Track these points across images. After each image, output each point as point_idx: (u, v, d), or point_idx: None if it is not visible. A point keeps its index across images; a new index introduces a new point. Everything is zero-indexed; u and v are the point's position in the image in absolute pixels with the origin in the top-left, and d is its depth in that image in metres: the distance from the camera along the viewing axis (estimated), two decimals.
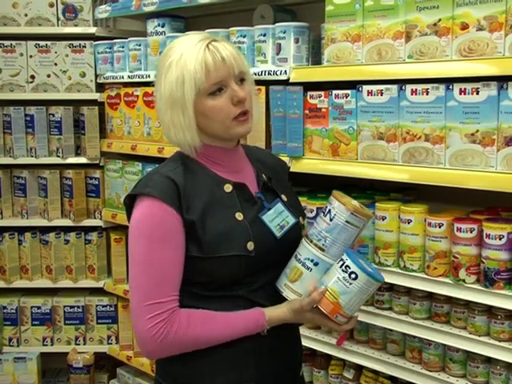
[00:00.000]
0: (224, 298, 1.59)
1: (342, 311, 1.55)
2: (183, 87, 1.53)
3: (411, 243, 2.17)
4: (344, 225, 1.57)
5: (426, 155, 2.06)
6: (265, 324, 1.59)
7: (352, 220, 1.57)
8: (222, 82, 1.55)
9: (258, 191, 1.67)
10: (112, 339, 3.59)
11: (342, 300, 1.54)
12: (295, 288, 1.60)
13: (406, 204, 2.24)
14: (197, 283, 1.58)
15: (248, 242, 1.56)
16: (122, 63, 3.29)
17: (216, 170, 1.63)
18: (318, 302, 1.56)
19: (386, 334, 2.41)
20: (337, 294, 1.54)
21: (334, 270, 1.56)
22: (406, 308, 2.29)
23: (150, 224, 1.51)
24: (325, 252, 1.58)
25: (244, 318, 1.58)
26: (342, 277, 1.54)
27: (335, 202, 1.59)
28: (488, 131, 1.90)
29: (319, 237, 1.58)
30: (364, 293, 1.55)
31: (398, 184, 2.26)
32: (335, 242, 1.57)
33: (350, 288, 1.53)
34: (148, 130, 3.14)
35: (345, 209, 1.56)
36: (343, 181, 2.53)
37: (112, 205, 3.45)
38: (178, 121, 1.56)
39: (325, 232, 1.58)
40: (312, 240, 1.60)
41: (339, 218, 1.57)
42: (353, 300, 1.55)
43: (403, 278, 2.20)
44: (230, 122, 1.57)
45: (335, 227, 1.57)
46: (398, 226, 2.21)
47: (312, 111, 2.36)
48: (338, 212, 1.57)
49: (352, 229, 1.58)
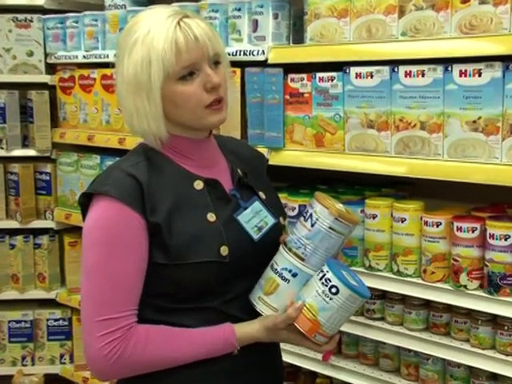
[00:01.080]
0: (193, 310, 1.58)
1: (321, 330, 1.54)
2: (149, 69, 1.51)
3: (405, 245, 2.16)
4: (327, 231, 1.56)
5: (422, 145, 2.06)
6: (235, 343, 1.57)
7: (336, 226, 1.56)
8: (195, 65, 1.53)
9: (233, 188, 1.66)
10: (65, 358, 3.58)
11: (322, 317, 1.53)
12: (270, 302, 1.59)
13: (399, 200, 2.24)
14: (162, 294, 1.57)
15: (221, 247, 1.55)
16: (75, 41, 3.25)
17: (185, 164, 1.62)
18: (295, 320, 1.55)
19: (378, 348, 2.40)
20: (315, 310, 1.53)
21: (313, 283, 1.55)
22: (401, 318, 2.28)
23: (107, 228, 1.50)
24: (305, 262, 1.57)
25: (211, 335, 1.56)
26: (321, 291, 1.53)
27: (317, 206, 1.57)
28: (492, 118, 1.90)
29: (298, 244, 1.57)
30: (346, 310, 1.54)
31: (390, 178, 2.26)
32: (316, 251, 1.56)
33: (330, 304, 1.52)
34: (107, 117, 3.11)
35: (328, 213, 1.55)
36: (329, 175, 2.52)
37: (65, 204, 3.41)
38: (143, 107, 1.54)
39: (305, 239, 1.57)
40: (291, 248, 1.59)
41: (322, 224, 1.56)
42: (334, 317, 1.54)
43: (397, 284, 2.20)
44: (202, 110, 1.55)
45: (317, 234, 1.56)
46: (390, 225, 2.21)
47: (293, 96, 2.35)
48: (320, 217, 1.56)
49: (336, 236, 1.57)
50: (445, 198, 2.34)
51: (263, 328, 1.59)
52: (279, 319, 1.56)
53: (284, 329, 1.57)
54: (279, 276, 1.58)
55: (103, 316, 1.49)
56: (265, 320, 1.59)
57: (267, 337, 1.60)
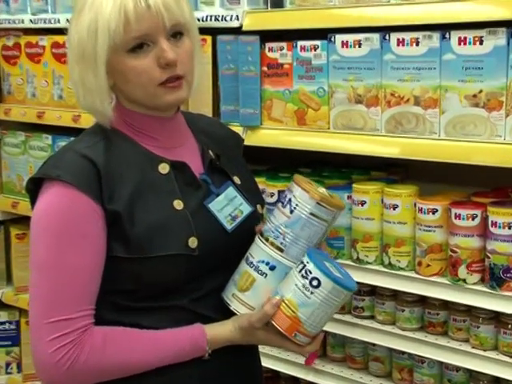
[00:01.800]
0: (158, 310, 1.57)
1: (302, 328, 1.54)
2: (95, 37, 1.49)
3: (398, 234, 2.15)
4: (308, 218, 1.56)
5: (416, 123, 2.05)
6: (205, 346, 1.57)
7: (318, 212, 1.56)
8: (147, 36, 1.50)
9: (203, 172, 1.65)
10: (12, 367, 3.55)
11: (302, 314, 1.53)
12: (246, 299, 1.59)
13: (390, 185, 2.23)
14: (122, 292, 1.56)
15: (190, 238, 1.54)
16: (21, 2, 3.18)
17: (148, 145, 1.61)
18: (272, 317, 1.54)
19: (368, 350, 2.40)
20: (295, 306, 1.52)
21: (292, 276, 1.55)
22: (393, 316, 2.28)
23: (59, 217, 1.48)
24: (284, 253, 1.57)
25: (178, 338, 1.56)
26: (301, 284, 1.52)
27: (297, 190, 1.57)
28: (494, 91, 1.89)
29: (276, 233, 1.57)
30: (330, 305, 1.54)
31: (380, 160, 2.26)
32: (297, 240, 1.56)
33: (311, 298, 1.52)
34: (59, 92, 3.07)
35: (309, 198, 1.55)
36: (312, 156, 2.52)
37: (12, 190, 3.37)
38: (88, 80, 1.54)
39: (284, 227, 1.57)
40: (268, 238, 1.59)
41: (302, 210, 1.56)
42: (316, 314, 1.53)
43: (388, 279, 2.19)
44: (155, 88, 1.53)
45: (297, 221, 1.56)
46: (380, 212, 2.20)
47: (272, 68, 2.34)
48: (300, 202, 1.56)
49: (318, 223, 1.57)
50: (442, 181, 2.34)
51: (237, 328, 1.58)
52: (254, 318, 1.56)
53: (261, 329, 1.57)
54: (255, 270, 1.58)
55: (54, 317, 1.47)
56: (239, 319, 1.59)
57: (242, 338, 1.59)
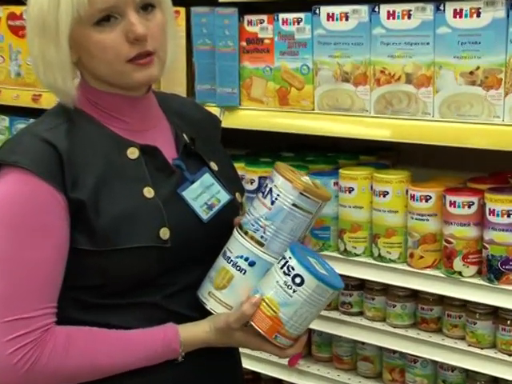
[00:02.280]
0: (127, 307, 1.57)
1: (283, 330, 1.53)
2: (57, 8, 1.47)
3: (388, 224, 2.16)
4: (290, 210, 1.55)
5: (408, 103, 2.05)
6: (178, 348, 1.56)
7: (302, 203, 1.56)
8: (114, 8, 1.48)
9: (177, 157, 1.64)
10: None
11: (284, 314, 1.52)
12: (223, 298, 1.59)
13: (380, 170, 2.24)
14: (88, 288, 1.55)
15: (161, 229, 1.53)
16: None
17: (116, 127, 1.59)
18: (251, 318, 1.54)
19: (356, 349, 2.40)
20: (276, 305, 1.52)
21: (273, 273, 1.55)
22: (383, 312, 2.29)
23: (16, 207, 1.47)
24: (264, 247, 1.57)
25: (149, 339, 1.55)
26: (283, 282, 1.52)
27: (278, 179, 1.57)
28: (492, 68, 1.89)
29: (256, 226, 1.57)
30: (314, 304, 1.53)
31: (369, 143, 2.27)
32: (278, 234, 1.56)
33: (293, 297, 1.51)
34: (17, 68, 3.05)
35: (292, 187, 1.55)
36: (295, 140, 2.55)
37: None
38: (49, 55, 1.52)
39: (264, 220, 1.57)
40: (247, 231, 1.58)
41: (284, 201, 1.55)
42: (298, 314, 1.52)
43: (378, 272, 2.20)
44: (123, 65, 1.52)
45: (278, 213, 1.56)
46: (369, 200, 2.21)
47: (251, 43, 2.34)
48: (282, 192, 1.56)
49: (302, 215, 1.57)
50: (436, 166, 2.36)
51: (213, 329, 1.57)
52: (232, 318, 1.55)
53: (239, 330, 1.56)
54: (233, 266, 1.58)
55: (12, 316, 1.45)
56: (215, 320, 1.58)
57: (219, 340, 1.59)
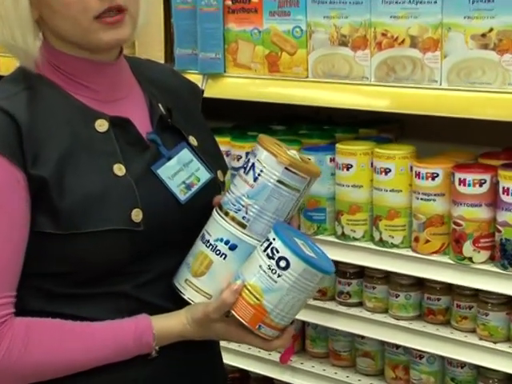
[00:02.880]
0: (96, 297, 1.57)
1: (267, 319, 1.53)
2: None
3: (391, 204, 2.17)
4: (275, 187, 1.56)
5: (413, 69, 2.05)
6: (151, 342, 1.56)
7: (288, 179, 1.56)
8: None
9: (152, 131, 1.64)
10: None
11: (268, 302, 1.52)
12: (201, 285, 1.59)
13: (382, 145, 2.24)
14: (51, 275, 1.55)
15: (133, 210, 1.53)
16: None
17: (83, 96, 1.59)
18: (232, 307, 1.54)
19: (355, 344, 2.41)
20: (259, 292, 1.52)
21: (256, 256, 1.55)
22: (385, 303, 2.29)
23: None
24: (246, 229, 1.57)
25: (119, 332, 1.55)
26: (266, 266, 1.52)
27: (262, 152, 1.57)
28: (507, 30, 1.87)
29: (238, 206, 1.58)
30: (301, 290, 1.53)
31: (370, 115, 2.26)
32: (262, 214, 1.57)
33: (278, 283, 1.51)
34: None
35: (276, 162, 1.55)
36: (287, 111, 2.54)
37: None
38: (5, 9, 1.51)
39: (246, 198, 1.57)
40: (227, 211, 1.59)
41: (268, 177, 1.56)
42: (284, 301, 1.52)
43: (379, 258, 2.21)
44: (90, 22, 1.51)
45: (262, 191, 1.56)
46: (370, 178, 2.22)
47: (237, 2, 2.32)
48: (265, 167, 1.56)
49: (288, 193, 1.57)
50: (443, 140, 2.36)
51: (191, 321, 1.57)
52: (211, 307, 1.55)
53: (219, 320, 1.56)
54: (212, 250, 1.58)
55: None
56: (193, 310, 1.57)
57: (197, 333, 1.58)
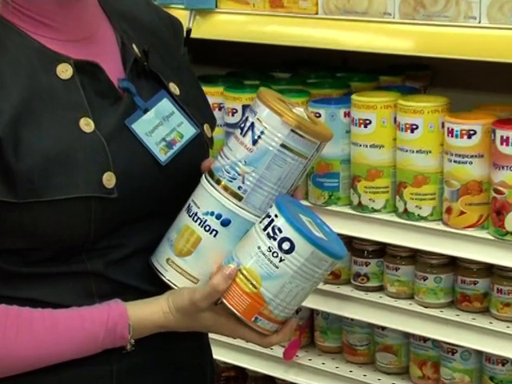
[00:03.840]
0: (60, 278, 1.57)
1: (266, 310, 1.54)
2: None
3: (418, 168, 2.18)
4: (278, 152, 1.56)
5: (446, 3, 2.06)
6: (127, 334, 1.57)
7: (294, 143, 1.56)
8: None
9: (124, 77, 1.64)
10: None
11: (267, 290, 1.53)
12: (187, 267, 1.60)
13: (407, 96, 2.25)
14: (7, 252, 1.56)
15: (104, 174, 1.54)
16: None
17: (41, 36, 1.59)
18: (224, 294, 1.55)
19: (375, 336, 2.43)
20: (257, 278, 1.53)
21: (253, 235, 1.55)
22: (410, 287, 2.31)
23: None
24: (243, 202, 1.58)
25: (88, 321, 1.56)
26: (266, 248, 1.52)
27: (263, 110, 1.57)
28: None
29: (233, 173, 1.58)
30: (307, 278, 1.54)
31: (392, 59, 2.31)
32: (262, 184, 1.57)
33: (280, 268, 1.52)
34: None
35: (280, 123, 1.55)
36: (292, 55, 2.56)
37: None
38: None
39: (243, 165, 1.57)
40: (219, 180, 1.59)
41: (270, 140, 1.56)
42: (286, 290, 1.53)
43: (403, 233, 2.22)
44: None
45: (262, 156, 1.56)
46: (392, 137, 2.23)
47: None
48: (267, 128, 1.56)
49: (293, 159, 1.57)
50: (482, 90, 2.40)
51: (174, 309, 1.57)
52: (199, 294, 1.55)
53: (207, 310, 1.57)
54: (201, 225, 1.58)
55: None
56: (176, 296, 1.58)
57: (181, 323, 1.59)
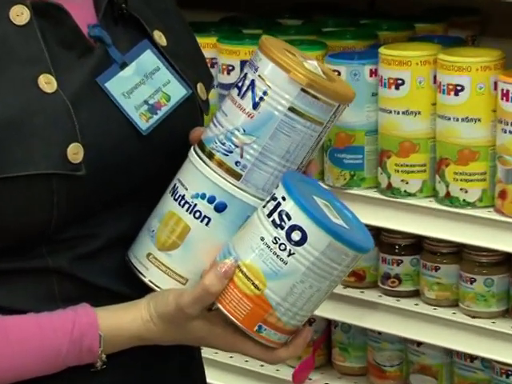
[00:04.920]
0: (14, 276, 1.62)
1: (271, 317, 1.56)
2: None
3: (464, 141, 2.25)
4: (286, 117, 1.59)
5: None
6: (96, 348, 1.59)
7: (305, 106, 1.58)
8: None
9: (96, 23, 1.68)
10: None
11: (273, 292, 1.55)
12: (172, 264, 1.63)
13: (451, 49, 2.32)
14: None
15: (70, 145, 1.56)
16: None
17: None
18: (219, 298, 1.57)
19: (408, 354, 2.52)
20: (260, 277, 1.55)
21: (255, 223, 1.58)
22: (453, 292, 2.39)
23: None
24: (242, 181, 1.61)
25: (48, 331, 1.59)
26: (271, 238, 1.54)
27: (266, 65, 1.60)
28: None
29: (229, 145, 1.61)
30: (323, 276, 1.56)
31: (432, 2, 2.49)
32: (265, 158, 1.61)
33: (289, 265, 1.54)
34: None
35: (288, 80, 1.57)
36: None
37: None
38: None
39: (242, 134, 1.60)
40: (212, 153, 1.62)
41: (275, 102, 1.59)
42: (297, 292, 1.56)
43: (445, 223, 2.29)
44: None
45: (266, 123, 1.59)
46: (431, 101, 2.31)
47: None
48: (271, 87, 1.59)
49: (305, 127, 1.60)
50: None
51: (156, 316, 1.60)
52: (188, 298, 1.57)
53: (198, 318, 1.59)
54: (189, 211, 1.62)
55: None
56: (159, 301, 1.61)
57: (165, 335, 1.63)
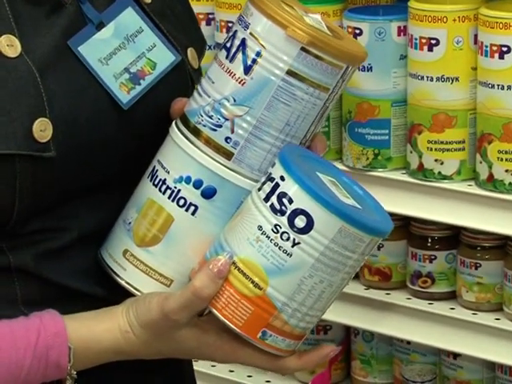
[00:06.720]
0: None
1: (277, 321, 1.64)
2: None
3: (510, 113, 2.36)
4: (284, 82, 1.66)
5: None
6: (64, 363, 1.67)
7: (306, 69, 1.66)
8: None
9: None
10: None
11: (276, 290, 1.63)
12: (153, 262, 1.72)
13: (494, 3, 2.52)
14: None
15: (36, 121, 1.65)
16: None
17: None
18: (213, 302, 1.65)
19: (443, 368, 2.68)
20: (260, 274, 1.63)
21: (251, 210, 1.65)
22: (497, 295, 2.57)
23: None
24: (233, 161, 1.69)
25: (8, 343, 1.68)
26: (271, 227, 1.62)
27: (259, 20, 1.66)
28: None
29: (217, 118, 1.69)
30: (335, 268, 1.63)
31: None
32: (261, 133, 1.69)
33: (294, 257, 1.62)
34: None
35: (285, 37, 1.64)
36: None
37: None
38: None
39: (232, 105, 1.68)
40: (197, 128, 1.70)
41: (271, 65, 1.66)
42: (306, 289, 1.64)
43: (488, 212, 2.49)
44: None
45: (260, 90, 1.68)
46: (471, 65, 2.52)
47: None
48: (266, 47, 1.66)
49: (307, 93, 1.68)
50: None
51: (137, 326, 1.69)
52: (174, 303, 1.64)
53: (187, 325, 1.68)
54: (172, 198, 1.71)
55: None
56: (140, 307, 1.68)
57: (148, 347, 1.71)
